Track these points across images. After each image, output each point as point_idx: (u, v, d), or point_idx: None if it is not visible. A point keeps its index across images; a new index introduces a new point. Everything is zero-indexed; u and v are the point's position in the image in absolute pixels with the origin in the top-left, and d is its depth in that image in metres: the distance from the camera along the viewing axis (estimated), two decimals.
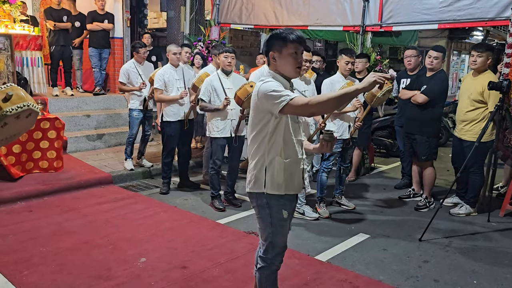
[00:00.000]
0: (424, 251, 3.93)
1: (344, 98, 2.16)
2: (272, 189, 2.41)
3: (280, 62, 2.37)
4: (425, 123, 4.83)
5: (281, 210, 2.45)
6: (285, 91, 2.26)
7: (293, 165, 2.43)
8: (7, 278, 3.20)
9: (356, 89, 2.12)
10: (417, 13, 6.01)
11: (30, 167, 5.39)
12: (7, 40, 5.94)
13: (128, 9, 8.67)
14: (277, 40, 2.36)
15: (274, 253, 2.54)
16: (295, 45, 2.33)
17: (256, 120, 2.39)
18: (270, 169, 2.40)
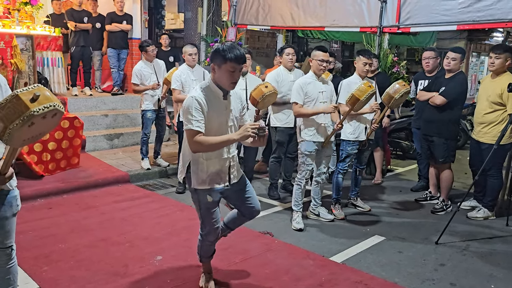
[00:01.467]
0: (440, 254, 3.89)
1: (224, 145, 2.69)
2: (197, 184, 2.81)
3: (218, 75, 2.67)
4: (443, 125, 4.78)
5: (206, 195, 2.84)
6: (198, 118, 2.60)
7: (216, 164, 2.80)
8: (28, 273, 3.28)
9: (233, 139, 2.64)
10: (435, 14, 5.94)
11: (53, 168, 5.49)
12: (29, 41, 6.07)
13: (146, 10, 8.78)
14: (218, 55, 2.63)
15: (205, 231, 3.02)
16: (233, 64, 2.60)
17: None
18: (193, 168, 2.80)
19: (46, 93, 1.87)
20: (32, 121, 1.81)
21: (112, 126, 7.42)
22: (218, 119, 2.72)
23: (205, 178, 2.80)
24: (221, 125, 2.75)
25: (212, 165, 2.80)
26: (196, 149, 2.67)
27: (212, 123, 2.69)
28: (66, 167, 5.65)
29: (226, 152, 2.83)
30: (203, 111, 2.63)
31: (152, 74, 5.88)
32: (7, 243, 2.39)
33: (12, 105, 1.79)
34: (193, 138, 2.61)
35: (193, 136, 2.61)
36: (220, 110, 2.73)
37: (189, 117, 2.62)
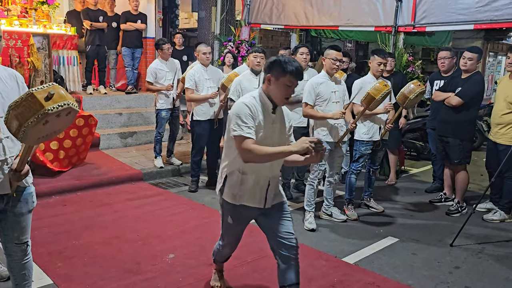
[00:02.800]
0: (455, 257, 3.84)
1: (278, 156, 2.45)
2: (227, 196, 2.64)
3: (273, 87, 2.51)
4: (459, 125, 4.72)
5: (228, 215, 2.70)
6: (249, 124, 2.42)
7: (253, 181, 2.58)
8: (42, 269, 3.32)
9: (290, 151, 2.38)
10: (452, 13, 5.85)
11: (66, 164, 5.56)
12: (45, 40, 6.15)
13: (160, 9, 8.83)
14: (278, 67, 2.47)
15: (223, 243, 2.94)
16: (292, 78, 2.45)
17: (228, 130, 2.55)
18: (229, 180, 2.62)
19: (61, 91, 1.88)
20: (46, 119, 1.83)
21: (126, 124, 7.48)
22: (263, 131, 2.51)
23: (236, 192, 2.58)
24: (265, 139, 2.51)
25: (248, 180, 2.57)
26: (248, 158, 2.42)
27: (256, 135, 2.46)
28: (76, 162, 5.73)
29: (267, 169, 2.57)
30: (253, 118, 2.45)
31: (168, 73, 5.91)
32: (22, 239, 2.43)
33: (27, 103, 1.82)
34: (244, 145, 2.39)
35: (243, 143, 2.39)
36: (266, 123, 2.52)
37: (239, 123, 2.41)
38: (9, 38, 5.74)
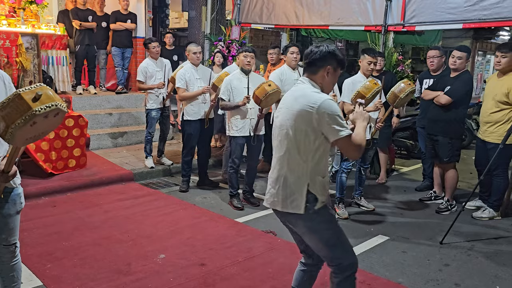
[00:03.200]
0: (445, 254, 3.87)
1: (364, 142, 2.31)
2: (319, 206, 2.34)
3: (330, 79, 2.38)
4: (448, 124, 4.76)
5: (332, 221, 2.43)
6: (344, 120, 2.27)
7: (327, 181, 2.42)
8: (31, 270, 3.29)
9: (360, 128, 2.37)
10: (441, 12, 5.90)
11: (61, 167, 5.50)
12: (34, 40, 6.09)
13: (150, 9, 8.79)
14: (335, 58, 2.37)
15: (349, 262, 2.45)
16: (340, 70, 2.43)
17: (300, 137, 2.28)
18: (313, 190, 2.31)
19: (49, 92, 1.86)
20: (34, 120, 1.81)
21: (116, 124, 7.43)
22: None
23: (324, 199, 2.37)
24: None
25: (326, 182, 2.41)
26: (359, 154, 2.32)
27: None
28: (76, 168, 5.64)
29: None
30: None
31: (157, 72, 5.89)
32: (11, 240, 2.40)
33: (14, 104, 1.79)
34: (353, 143, 2.25)
35: (351, 141, 2.25)
36: None
37: (340, 121, 2.22)
38: None
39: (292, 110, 2.29)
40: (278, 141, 2.39)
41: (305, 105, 2.24)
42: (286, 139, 2.33)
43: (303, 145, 2.29)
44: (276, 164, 2.42)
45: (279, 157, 2.39)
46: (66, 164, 5.54)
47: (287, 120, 2.31)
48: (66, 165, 5.55)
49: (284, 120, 2.33)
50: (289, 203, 2.34)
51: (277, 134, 2.40)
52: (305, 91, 2.32)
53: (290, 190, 2.34)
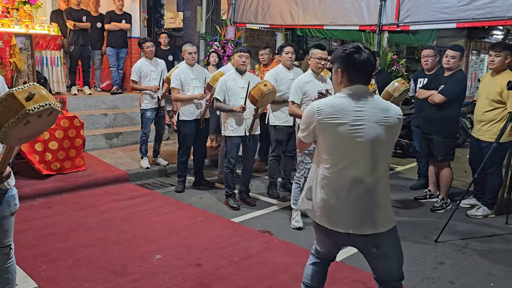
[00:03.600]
0: (440, 252, 3.89)
1: None
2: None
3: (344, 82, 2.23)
4: (442, 123, 4.78)
5: None
6: None
7: None
8: (26, 272, 3.27)
9: None
10: (434, 12, 5.93)
11: (56, 168, 5.47)
12: (28, 40, 6.06)
13: (145, 9, 8.77)
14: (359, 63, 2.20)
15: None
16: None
17: (391, 149, 2.28)
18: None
19: (42, 91, 1.86)
20: (27, 119, 1.80)
21: (112, 125, 7.41)
22: None
23: None
24: None
25: None
26: None
27: None
28: (72, 169, 5.60)
29: None
30: None
31: (152, 72, 5.88)
32: (5, 242, 2.39)
33: (8, 103, 1.79)
34: None
35: None
36: None
37: None
38: None
39: (385, 122, 2.15)
40: (373, 157, 2.14)
41: (396, 116, 2.19)
42: (383, 154, 2.19)
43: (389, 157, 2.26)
44: (376, 184, 2.17)
45: (380, 175, 2.18)
46: (62, 165, 5.51)
47: (381, 134, 2.14)
48: (63, 166, 5.52)
49: (379, 134, 2.13)
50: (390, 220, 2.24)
51: (370, 149, 2.13)
52: (387, 102, 2.26)
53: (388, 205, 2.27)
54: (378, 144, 2.13)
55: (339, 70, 2.22)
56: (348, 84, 2.20)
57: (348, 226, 2.17)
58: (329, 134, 2.15)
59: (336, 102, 2.17)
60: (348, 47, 2.20)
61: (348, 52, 2.18)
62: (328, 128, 2.13)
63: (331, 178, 2.18)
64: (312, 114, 2.17)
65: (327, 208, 2.19)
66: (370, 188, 2.15)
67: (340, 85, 2.24)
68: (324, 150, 2.19)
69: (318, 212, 2.23)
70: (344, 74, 2.20)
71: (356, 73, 2.18)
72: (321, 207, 2.21)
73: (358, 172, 2.13)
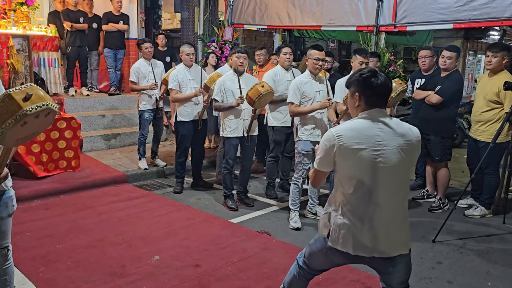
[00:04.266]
0: (437, 252, 3.90)
1: None
2: None
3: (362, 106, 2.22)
4: (439, 123, 4.80)
5: None
6: None
7: None
8: (25, 274, 3.27)
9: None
10: (431, 12, 5.95)
11: (52, 168, 5.47)
12: (25, 41, 6.06)
13: (142, 10, 8.77)
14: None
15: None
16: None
17: (410, 173, 2.30)
18: None
19: (39, 92, 1.86)
20: (24, 120, 1.80)
21: (109, 126, 7.41)
22: None
23: None
24: None
25: None
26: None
27: None
28: (67, 169, 5.61)
29: None
30: None
31: (150, 73, 5.88)
32: (3, 244, 2.39)
33: (5, 104, 1.79)
34: None
35: None
36: None
37: None
38: None
39: (406, 147, 2.15)
40: (394, 182, 2.17)
41: (415, 139, 2.20)
42: (403, 178, 2.24)
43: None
44: (397, 208, 2.22)
45: (401, 199, 2.23)
46: (56, 165, 5.51)
47: (401, 158, 2.14)
48: (57, 166, 5.51)
49: (399, 159, 2.13)
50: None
51: (391, 174, 2.14)
52: (404, 124, 2.25)
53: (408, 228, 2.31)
54: (399, 169, 2.14)
55: (356, 94, 2.20)
56: (366, 108, 2.19)
57: (372, 250, 2.18)
58: (350, 159, 2.12)
59: (356, 126, 2.15)
60: (365, 71, 2.20)
61: (365, 76, 2.17)
62: (350, 153, 2.10)
63: (354, 203, 2.16)
64: (332, 140, 2.13)
65: (350, 234, 2.18)
66: (392, 213, 2.18)
67: (357, 109, 2.22)
68: (345, 176, 2.17)
69: (341, 239, 2.21)
70: (361, 98, 2.19)
71: (375, 96, 2.18)
72: (344, 233, 2.19)
73: (380, 198, 2.14)
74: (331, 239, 2.24)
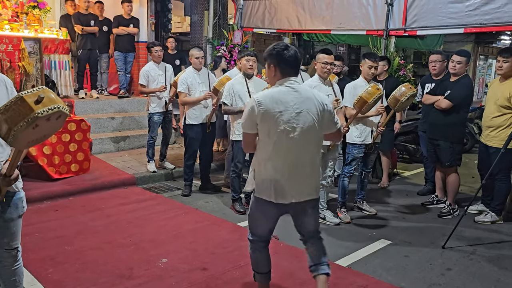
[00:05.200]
0: (447, 258, 3.86)
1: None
2: None
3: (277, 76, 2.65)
4: (449, 128, 4.76)
5: None
6: None
7: None
8: (33, 275, 3.29)
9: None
10: (442, 17, 5.92)
11: (64, 171, 5.51)
12: (37, 44, 6.13)
13: (152, 13, 8.82)
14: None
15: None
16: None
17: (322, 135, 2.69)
18: None
19: (51, 95, 1.87)
20: (36, 123, 1.82)
21: (119, 128, 7.45)
22: None
23: None
24: None
25: None
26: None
27: None
28: (79, 172, 5.65)
29: None
30: None
31: (160, 76, 5.91)
32: (13, 245, 2.41)
33: (17, 107, 1.80)
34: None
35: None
36: None
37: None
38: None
39: (315, 109, 2.60)
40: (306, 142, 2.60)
41: (321, 104, 2.65)
42: (316, 136, 2.66)
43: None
44: (310, 161, 2.65)
45: (312, 155, 2.66)
46: (69, 168, 5.55)
47: (312, 119, 2.58)
48: (69, 169, 5.55)
49: (311, 119, 2.57)
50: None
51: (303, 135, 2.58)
52: (312, 91, 2.72)
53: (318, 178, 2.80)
54: (310, 129, 2.55)
55: (272, 65, 2.61)
56: (281, 77, 2.60)
57: (290, 197, 2.61)
58: (270, 122, 2.50)
59: (275, 94, 2.54)
60: (278, 46, 2.60)
61: (278, 49, 2.57)
62: (269, 117, 2.49)
63: (274, 159, 2.56)
64: (254, 106, 2.50)
65: (272, 185, 2.59)
66: (305, 166, 2.61)
67: (274, 79, 2.63)
68: (265, 136, 2.55)
69: (265, 190, 2.62)
70: (277, 69, 2.60)
71: (288, 67, 2.59)
72: (267, 185, 2.61)
73: (296, 154, 2.56)
74: (257, 191, 2.67)
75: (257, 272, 2.94)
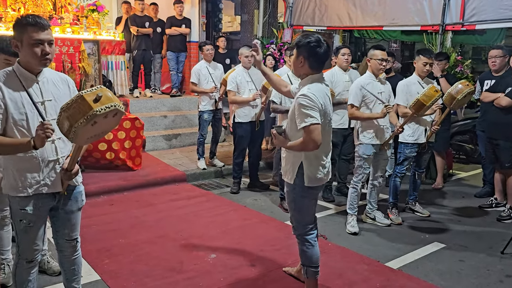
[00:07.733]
0: (507, 265, 3.65)
1: None
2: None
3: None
4: (510, 127, 4.50)
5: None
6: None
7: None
8: (90, 265, 3.46)
9: None
10: (504, 9, 5.59)
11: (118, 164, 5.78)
12: (95, 46, 6.43)
13: (204, 13, 8.99)
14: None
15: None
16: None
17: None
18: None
19: (108, 94, 1.97)
20: (95, 120, 1.92)
21: (171, 126, 7.66)
22: None
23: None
24: None
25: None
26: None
27: None
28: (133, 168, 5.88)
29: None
30: None
31: (210, 75, 6.01)
32: (72, 236, 2.55)
33: (77, 105, 1.92)
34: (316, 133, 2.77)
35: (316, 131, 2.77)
36: None
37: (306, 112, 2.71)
38: (62, 45, 6.04)
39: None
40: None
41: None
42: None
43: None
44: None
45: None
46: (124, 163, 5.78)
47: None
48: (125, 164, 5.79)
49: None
50: None
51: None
52: None
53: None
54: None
55: (301, 57, 2.69)
56: (309, 71, 2.72)
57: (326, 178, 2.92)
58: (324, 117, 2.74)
59: (320, 89, 2.70)
60: (312, 40, 2.65)
61: (312, 45, 2.65)
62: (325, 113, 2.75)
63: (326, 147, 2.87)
64: (314, 99, 2.63)
65: (326, 170, 2.90)
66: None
67: (301, 69, 2.74)
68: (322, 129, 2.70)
69: (320, 179, 2.87)
70: (306, 63, 2.70)
71: (318, 63, 2.71)
72: (321, 171, 2.86)
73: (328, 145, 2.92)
74: (310, 181, 2.81)
75: (312, 266, 2.97)
